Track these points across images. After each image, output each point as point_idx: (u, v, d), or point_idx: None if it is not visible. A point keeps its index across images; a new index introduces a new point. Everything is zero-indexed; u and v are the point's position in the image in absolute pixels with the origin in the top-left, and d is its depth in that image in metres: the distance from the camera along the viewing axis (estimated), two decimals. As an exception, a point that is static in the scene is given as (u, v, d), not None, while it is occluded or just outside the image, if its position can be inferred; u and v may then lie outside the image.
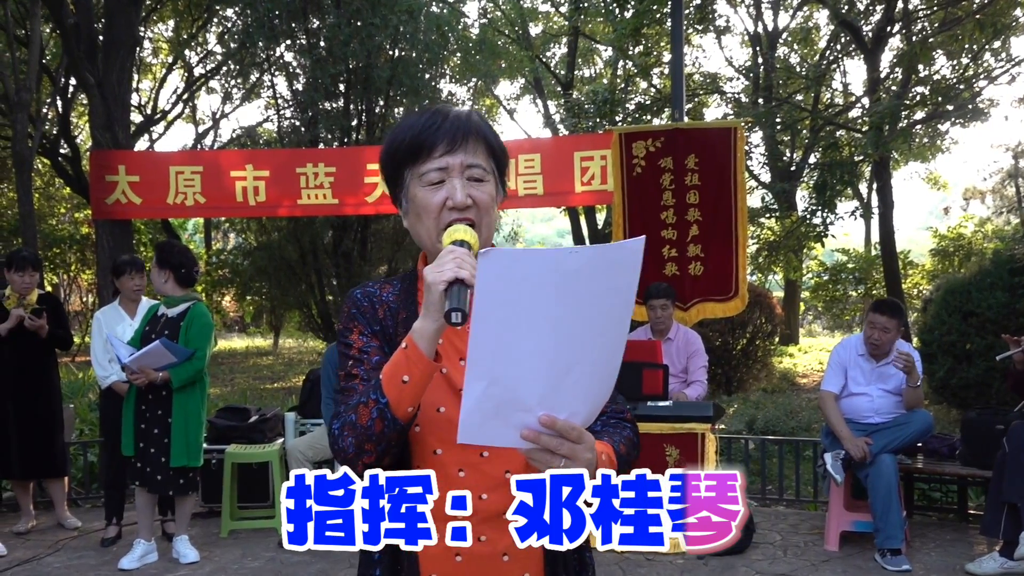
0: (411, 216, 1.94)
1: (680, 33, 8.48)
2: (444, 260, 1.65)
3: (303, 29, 14.67)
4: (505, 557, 1.78)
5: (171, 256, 6.14)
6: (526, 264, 1.48)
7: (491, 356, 1.52)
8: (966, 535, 6.53)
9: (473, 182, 1.86)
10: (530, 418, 1.57)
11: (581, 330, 1.53)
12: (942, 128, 21.23)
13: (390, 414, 1.68)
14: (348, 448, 1.73)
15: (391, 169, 1.96)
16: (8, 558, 6.28)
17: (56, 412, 7.03)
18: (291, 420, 7.33)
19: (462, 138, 1.85)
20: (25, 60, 16.52)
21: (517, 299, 1.48)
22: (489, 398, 1.54)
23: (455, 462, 1.79)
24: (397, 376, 1.68)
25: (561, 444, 1.58)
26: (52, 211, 24.59)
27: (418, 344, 1.67)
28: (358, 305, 1.95)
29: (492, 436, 1.60)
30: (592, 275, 1.49)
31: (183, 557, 6.16)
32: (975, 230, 24.82)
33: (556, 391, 1.56)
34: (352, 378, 1.86)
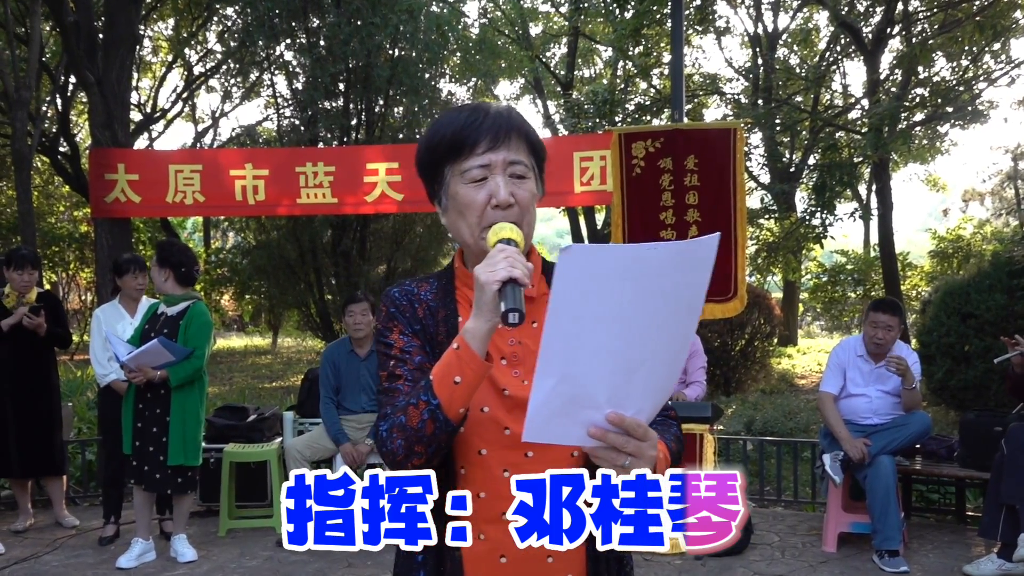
0: (451, 213, 1.91)
1: (680, 34, 8.48)
2: (496, 259, 1.64)
3: (303, 28, 14.67)
4: (550, 559, 1.76)
5: (171, 255, 6.16)
6: (604, 260, 1.47)
7: (563, 353, 1.50)
8: (964, 537, 6.54)
9: (515, 179, 1.84)
10: (597, 415, 1.56)
11: (651, 326, 1.52)
12: (941, 130, 21.25)
13: (442, 415, 1.66)
14: (398, 450, 1.71)
15: (430, 165, 1.93)
16: (6, 556, 6.28)
17: (55, 410, 7.04)
18: (289, 419, 7.33)
19: (504, 135, 1.84)
20: (25, 58, 16.50)
21: (592, 295, 1.46)
22: (558, 395, 1.52)
23: (500, 462, 1.78)
24: (449, 377, 1.66)
25: (628, 442, 1.57)
26: (51, 209, 24.57)
27: (470, 344, 1.65)
28: (397, 304, 1.92)
29: (558, 434, 1.58)
30: (667, 271, 1.48)
31: (181, 556, 6.17)
32: (974, 232, 24.85)
33: (624, 388, 1.55)
34: (396, 379, 1.84)
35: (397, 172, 8.71)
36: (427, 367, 1.79)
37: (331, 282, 15.31)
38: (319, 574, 5.84)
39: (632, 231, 7.47)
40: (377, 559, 6.12)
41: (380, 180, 8.71)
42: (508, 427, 1.78)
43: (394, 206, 9.05)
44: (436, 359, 1.79)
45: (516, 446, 1.74)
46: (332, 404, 6.84)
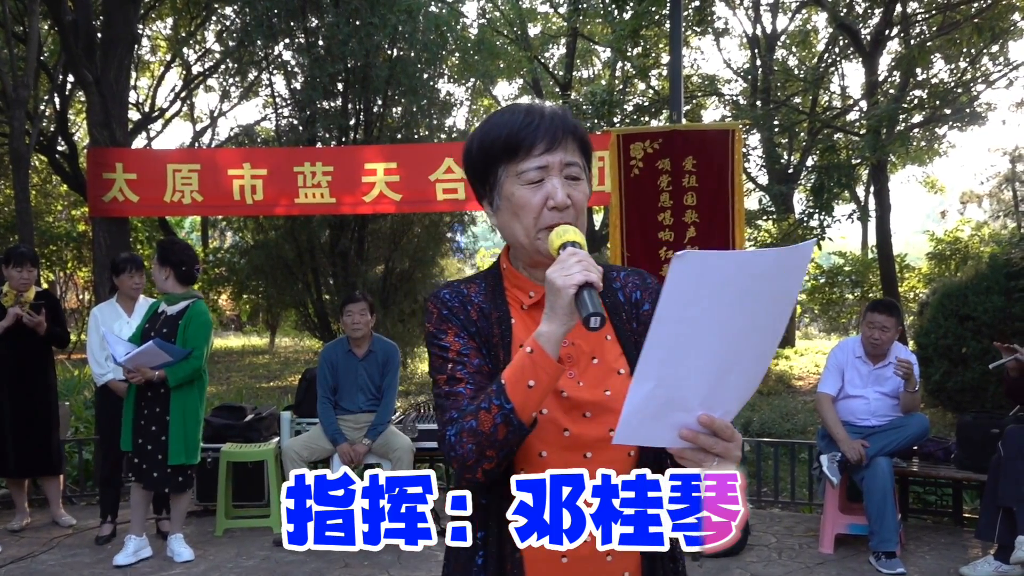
0: (505, 214, 1.89)
1: (679, 35, 8.49)
2: (569, 263, 1.63)
3: (301, 28, 14.65)
4: (609, 557, 1.77)
5: (172, 254, 6.17)
6: (714, 266, 1.46)
7: (663, 357, 1.50)
8: (961, 538, 6.54)
9: (571, 181, 1.84)
10: (689, 418, 1.56)
11: (747, 330, 1.53)
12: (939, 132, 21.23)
13: (516, 420, 1.66)
14: (468, 455, 1.71)
15: (482, 165, 1.91)
16: (3, 555, 6.28)
17: (52, 410, 7.04)
18: (287, 419, 7.33)
19: (562, 136, 1.83)
20: (23, 57, 16.51)
21: (698, 301, 1.46)
22: (654, 399, 1.52)
23: (560, 464, 1.73)
24: (523, 381, 1.65)
25: (716, 443, 1.57)
26: (49, 208, 24.55)
27: (545, 348, 1.65)
28: (448, 306, 1.90)
29: (648, 436, 1.59)
30: (768, 277, 1.49)
31: (177, 556, 6.17)
32: (972, 234, 24.85)
33: (716, 391, 1.56)
34: (457, 382, 1.81)
35: (395, 172, 8.71)
36: (485, 369, 1.82)
37: (329, 282, 15.29)
38: (316, 574, 5.84)
39: (630, 232, 7.47)
40: (374, 559, 6.13)
41: (378, 180, 8.71)
42: (567, 428, 1.79)
43: (392, 206, 9.05)
44: (492, 361, 1.82)
45: (575, 447, 1.76)
46: (329, 404, 6.83)
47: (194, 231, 28.50)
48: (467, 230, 18.27)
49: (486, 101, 27.51)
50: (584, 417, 1.80)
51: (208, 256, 23.14)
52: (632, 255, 7.46)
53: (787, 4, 22.13)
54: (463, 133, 16.66)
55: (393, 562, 6.08)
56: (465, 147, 1.97)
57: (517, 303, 1.93)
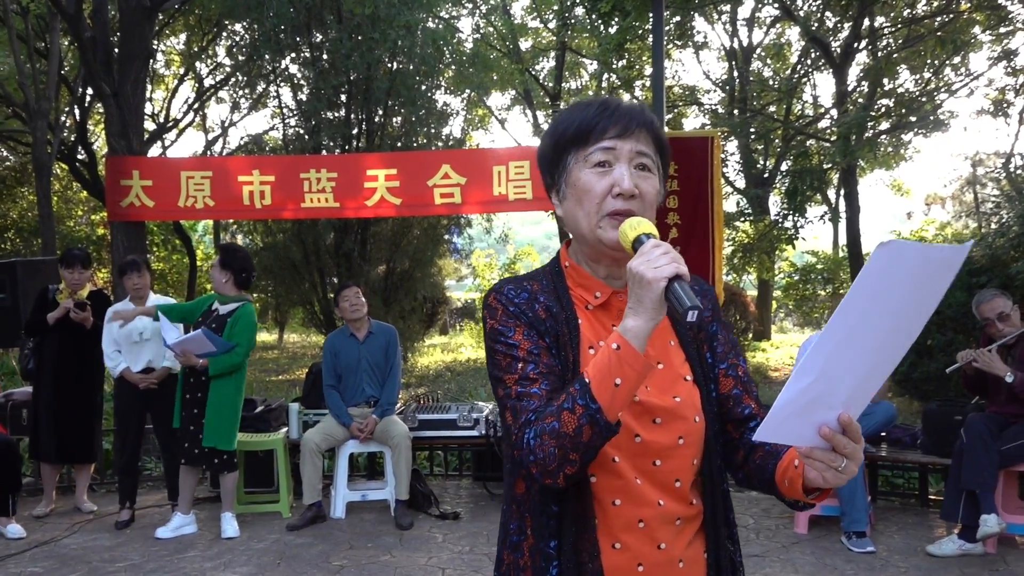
0: (569, 202, 1.72)
1: (661, 48, 8.48)
2: (654, 255, 1.48)
3: (307, 43, 14.63)
4: (680, 563, 1.67)
5: (235, 260, 6.43)
6: (909, 257, 1.31)
7: (832, 350, 1.36)
8: (927, 519, 6.55)
9: (641, 172, 1.67)
10: (830, 416, 1.43)
11: (901, 327, 1.40)
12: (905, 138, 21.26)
13: (603, 420, 1.49)
14: (550, 459, 1.53)
15: (553, 153, 1.75)
16: (28, 539, 6.27)
17: (95, 402, 7.13)
18: (295, 410, 7.32)
19: (635, 126, 1.67)
20: (45, 71, 16.51)
21: (883, 290, 1.32)
22: (806, 394, 1.38)
23: (632, 470, 1.64)
24: (609, 379, 1.49)
25: (848, 443, 1.43)
26: (70, 213, 24.50)
27: (632, 344, 1.49)
28: (515, 303, 1.72)
29: (788, 434, 1.44)
30: (934, 273, 1.35)
31: (225, 532, 6.35)
32: (936, 234, 24.95)
33: (860, 389, 1.44)
34: (531, 382, 1.64)
35: (395, 178, 8.70)
36: (557, 370, 1.66)
37: (333, 281, 15.26)
38: (322, 556, 5.83)
39: (616, 233, 7.47)
40: (377, 542, 6.12)
41: (379, 186, 8.70)
42: (639, 434, 1.63)
43: (392, 210, 9.05)
44: (560, 361, 1.67)
45: (645, 454, 1.63)
46: (335, 389, 6.90)
47: (207, 234, 28.41)
48: (463, 232, 18.26)
49: (480, 111, 27.50)
50: (654, 423, 1.64)
51: (220, 257, 23.06)
52: (618, 255, 7.47)
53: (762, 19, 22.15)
54: (459, 141, 16.67)
55: (395, 544, 6.07)
56: (540, 141, 1.82)
57: (582, 303, 1.76)
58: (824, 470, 1.46)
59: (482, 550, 5.95)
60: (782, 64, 23.39)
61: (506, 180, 8.52)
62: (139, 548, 6.10)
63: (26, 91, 15.81)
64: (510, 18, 25.61)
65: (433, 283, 18.25)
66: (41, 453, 6.98)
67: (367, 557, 5.81)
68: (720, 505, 1.71)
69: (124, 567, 5.70)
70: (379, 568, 5.60)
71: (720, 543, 1.70)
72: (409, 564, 5.67)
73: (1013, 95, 18.35)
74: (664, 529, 1.65)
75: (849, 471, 1.45)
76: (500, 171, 8.58)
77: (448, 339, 25.38)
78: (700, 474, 1.69)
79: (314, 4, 14.12)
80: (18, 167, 22.48)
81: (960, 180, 28.98)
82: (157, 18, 12.62)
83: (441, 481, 8.01)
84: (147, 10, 10.67)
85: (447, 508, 6.93)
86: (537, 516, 1.68)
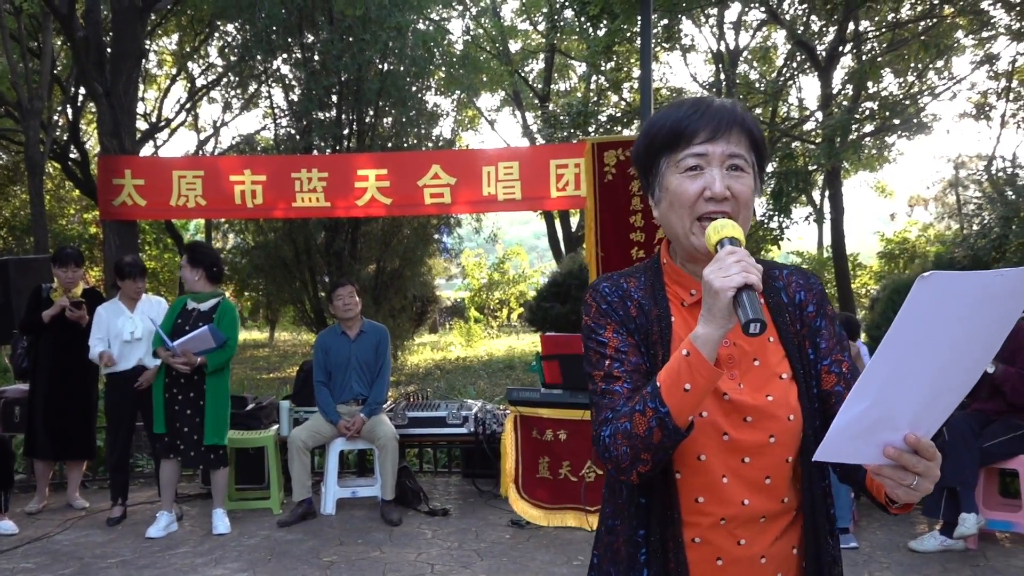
0: (663, 205, 1.72)
1: (649, 50, 8.50)
2: (727, 263, 1.47)
3: (298, 44, 14.62)
4: (763, 559, 1.65)
5: (203, 256, 6.41)
6: (958, 288, 1.30)
7: (884, 378, 1.35)
8: (909, 516, 6.57)
9: (734, 172, 1.66)
10: (895, 436, 1.42)
11: (966, 351, 1.38)
12: (889, 140, 21.33)
13: (671, 424, 1.50)
14: (623, 458, 1.57)
15: (647, 158, 1.74)
16: (20, 536, 6.25)
17: (90, 400, 7.10)
18: (285, 408, 7.31)
19: (726, 127, 1.65)
20: (38, 71, 16.44)
21: (933, 322, 1.32)
22: (865, 417, 1.37)
23: (719, 468, 1.63)
24: (679, 384, 1.50)
25: (919, 462, 1.41)
26: (62, 212, 24.44)
27: (701, 351, 1.49)
28: (608, 300, 1.73)
29: (851, 453, 1.44)
30: (999, 298, 1.33)
31: (215, 528, 6.33)
32: (919, 235, 25.04)
33: (926, 411, 1.42)
34: (614, 380, 1.66)
35: (386, 178, 8.70)
36: (643, 368, 1.67)
37: (324, 280, 15.25)
38: (312, 552, 5.83)
39: (604, 234, 7.47)
40: (367, 538, 6.13)
41: (370, 185, 8.70)
42: (727, 433, 1.62)
43: (383, 209, 9.05)
44: (650, 360, 1.67)
45: (734, 452, 1.62)
46: (325, 386, 6.88)
47: (198, 233, 28.31)
48: (453, 232, 18.28)
49: (470, 112, 27.50)
50: (744, 422, 1.63)
51: (212, 256, 23.04)
52: (606, 255, 7.47)
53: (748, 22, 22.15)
54: (449, 142, 16.66)
55: (385, 540, 6.07)
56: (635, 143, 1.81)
57: (677, 300, 1.75)
58: (894, 487, 1.45)
59: (471, 546, 5.95)
60: (768, 67, 23.41)
61: (495, 180, 8.53)
62: (131, 544, 6.08)
63: (19, 90, 15.75)
64: (500, 20, 25.64)
65: (423, 282, 18.24)
66: (37, 450, 6.97)
67: (357, 553, 5.81)
68: (820, 502, 1.68)
69: (116, 563, 5.68)
70: (369, 564, 5.60)
71: (820, 538, 1.67)
72: (399, 560, 5.68)
73: (995, 99, 18.42)
74: (746, 527, 1.65)
75: (923, 488, 1.44)
76: (489, 171, 8.59)
77: (438, 337, 25.38)
78: (796, 471, 1.67)
79: (305, 5, 14.11)
80: (10, 166, 22.44)
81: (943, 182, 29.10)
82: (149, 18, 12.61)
83: (430, 478, 8.01)
84: (139, 10, 10.64)
85: (436, 505, 6.94)
86: (627, 506, 1.71)
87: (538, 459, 6.43)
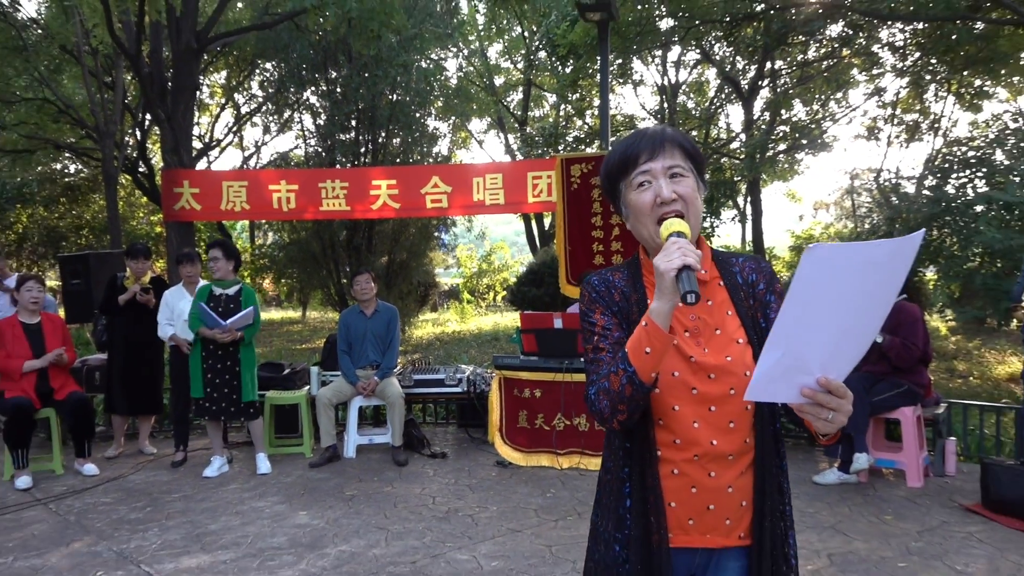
0: (631, 219, 1.77)
1: (606, 84, 8.49)
2: (671, 251, 1.53)
3: (324, 78, 14.52)
4: (729, 489, 1.68)
5: (233, 251, 6.39)
6: (843, 256, 1.33)
7: (793, 330, 1.37)
8: (813, 455, 6.62)
9: (675, 179, 1.69)
10: (809, 379, 1.44)
11: (863, 306, 1.39)
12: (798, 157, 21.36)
13: (638, 380, 1.57)
14: (604, 409, 1.64)
15: (609, 185, 1.82)
16: (100, 476, 6.23)
17: (157, 366, 7.09)
18: (315, 372, 7.29)
19: (660, 146, 1.71)
20: (111, 100, 16.28)
21: (826, 284, 1.33)
22: (781, 364, 1.40)
23: (690, 415, 1.67)
24: (640, 348, 1.57)
25: (832, 399, 1.44)
26: (133, 215, 24.22)
27: (656, 321, 1.55)
28: (597, 290, 1.80)
29: (775, 394, 1.46)
30: (884, 262, 1.35)
31: (260, 468, 6.33)
32: (822, 232, 25.14)
33: (833, 357, 1.43)
34: (599, 351, 1.73)
35: (395, 187, 8.67)
36: (623, 341, 1.71)
37: (346, 269, 15.15)
38: (337, 488, 5.82)
39: (571, 232, 7.47)
40: (382, 476, 6.12)
41: (382, 193, 8.67)
42: (695, 387, 1.67)
43: (393, 212, 9.01)
44: (628, 334, 1.70)
45: (702, 402, 1.67)
46: (347, 355, 6.87)
47: (244, 232, 28.12)
48: (449, 230, 18.29)
49: (463, 134, 27.37)
50: (709, 378, 1.67)
51: (255, 250, 22.94)
52: (573, 249, 7.47)
53: (686, 62, 22.11)
54: (446, 158, 16.61)
55: (395, 477, 6.07)
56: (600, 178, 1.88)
57: (652, 288, 1.78)
58: (815, 421, 1.49)
59: (464, 482, 5.96)
60: (702, 98, 23.39)
61: (483, 189, 8.51)
62: (191, 482, 6.07)
63: (96, 116, 15.62)
64: (486, 60, 25.52)
65: (425, 271, 18.15)
66: (114, 407, 6.98)
67: (373, 488, 5.81)
68: (769, 442, 1.71)
69: (179, 497, 5.67)
70: (383, 497, 5.60)
71: (767, 471, 1.69)
72: (407, 493, 5.68)
73: (883, 123, 18.52)
74: (715, 463, 1.67)
75: (838, 421, 1.47)
76: (479, 181, 8.57)
77: (437, 315, 25.25)
78: (756, 416, 1.70)
79: (329, 47, 14.02)
80: (90, 178, 22.24)
81: (840, 190, 29.14)
82: (203, 57, 12.45)
83: (432, 427, 8.00)
84: (195, 51, 10.53)
85: (437, 449, 6.93)
86: (617, 451, 1.76)
87: (518, 412, 6.44)
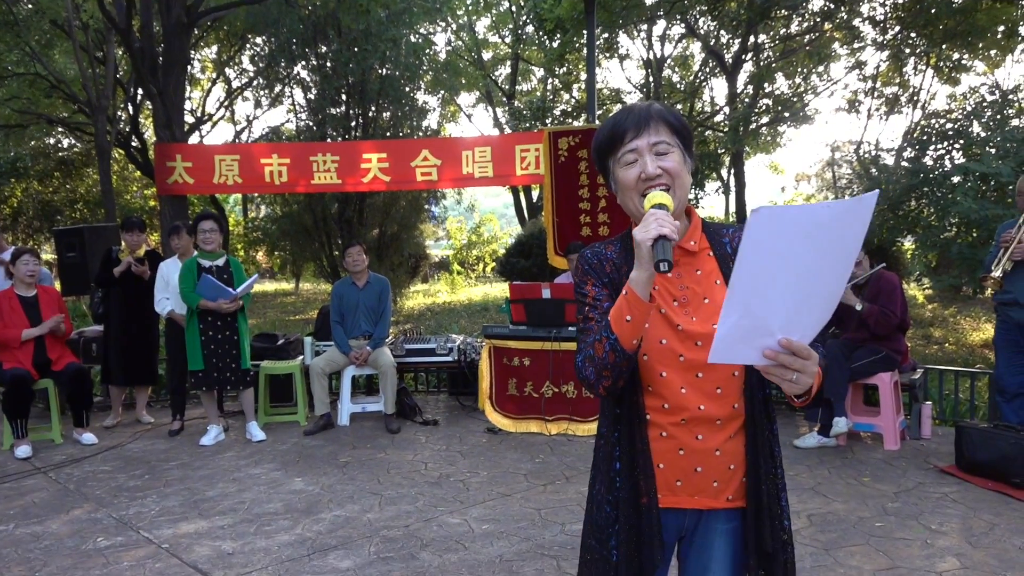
0: (620, 194, 1.76)
1: (593, 58, 8.42)
2: (648, 222, 1.52)
3: (314, 53, 14.37)
4: (717, 452, 1.69)
5: (224, 224, 6.38)
6: (789, 218, 1.31)
7: (748, 293, 1.35)
8: (794, 420, 6.67)
9: (660, 155, 1.68)
10: (771, 341, 1.42)
11: (820, 268, 1.37)
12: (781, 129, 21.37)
13: (619, 347, 1.57)
14: (590, 376, 1.64)
15: (600, 162, 1.81)
16: (99, 445, 6.22)
17: (152, 337, 7.08)
18: (308, 343, 7.28)
19: (645, 122, 1.69)
20: (103, 75, 16.06)
21: (775, 246, 1.31)
22: (740, 327, 1.39)
23: (678, 381, 1.67)
24: (621, 317, 1.57)
25: (795, 360, 1.44)
26: (126, 189, 24.00)
27: (635, 290, 1.55)
28: (589, 263, 1.80)
29: (738, 356, 1.45)
30: (836, 224, 1.33)
31: (254, 436, 6.33)
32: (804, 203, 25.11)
33: (794, 318, 1.41)
34: (589, 320, 1.73)
35: (385, 160, 8.62)
36: None
37: (337, 242, 15.11)
38: (332, 455, 5.84)
39: (559, 203, 7.45)
40: (376, 443, 6.14)
41: (373, 167, 8.62)
42: (682, 355, 1.67)
43: (383, 186, 8.97)
44: None
45: (688, 369, 1.67)
46: (339, 325, 6.84)
47: (236, 205, 27.91)
48: (439, 203, 18.21)
49: (452, 107, 27.17)
50: (696, 346, 1.67)
51: (248, 223, 22.82)
52: (560, 220, 7.46)
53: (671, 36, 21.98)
54: (435, 131, 16.51)
55: (388, 444, 6.09)
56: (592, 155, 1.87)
57: None
58: (780, 382, 1.49)
59: (455, 448, 5.98)
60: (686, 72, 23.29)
61: (472, 162, 8.47)
62: (188, 450, 6.06)
63: (88, 91, 15.43)
64: (475, 34, 25.27)
65: (416, 243, 18.09)
66: (111, 377, 6.98)
67: (366, 455, 5.83)
68: (759, 407, 1.72)
69: (176, 465, 5.67)
70: (376, 463, 5.62)
71: (759, 436, 1.70)
72: (399, 460, 5.70)
73: (863, 96, 18.49)
74: (703, 427, 1.68)
75: (803, 382, 1.48)
76: (468, 155, 8.53)
77: (428, 286, 25.25)
78: (745, 382, 1.70)
79: (319, 22, 13.86)
80: (84, 152, 22.01)
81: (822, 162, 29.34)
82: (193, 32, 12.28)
83: (423, 396, 8.02)
84: (185, 25, 10.37)
85: (428, 417, 6.95)
86: (608, 416, 1.78)
87: (507, 380, 6.46)
